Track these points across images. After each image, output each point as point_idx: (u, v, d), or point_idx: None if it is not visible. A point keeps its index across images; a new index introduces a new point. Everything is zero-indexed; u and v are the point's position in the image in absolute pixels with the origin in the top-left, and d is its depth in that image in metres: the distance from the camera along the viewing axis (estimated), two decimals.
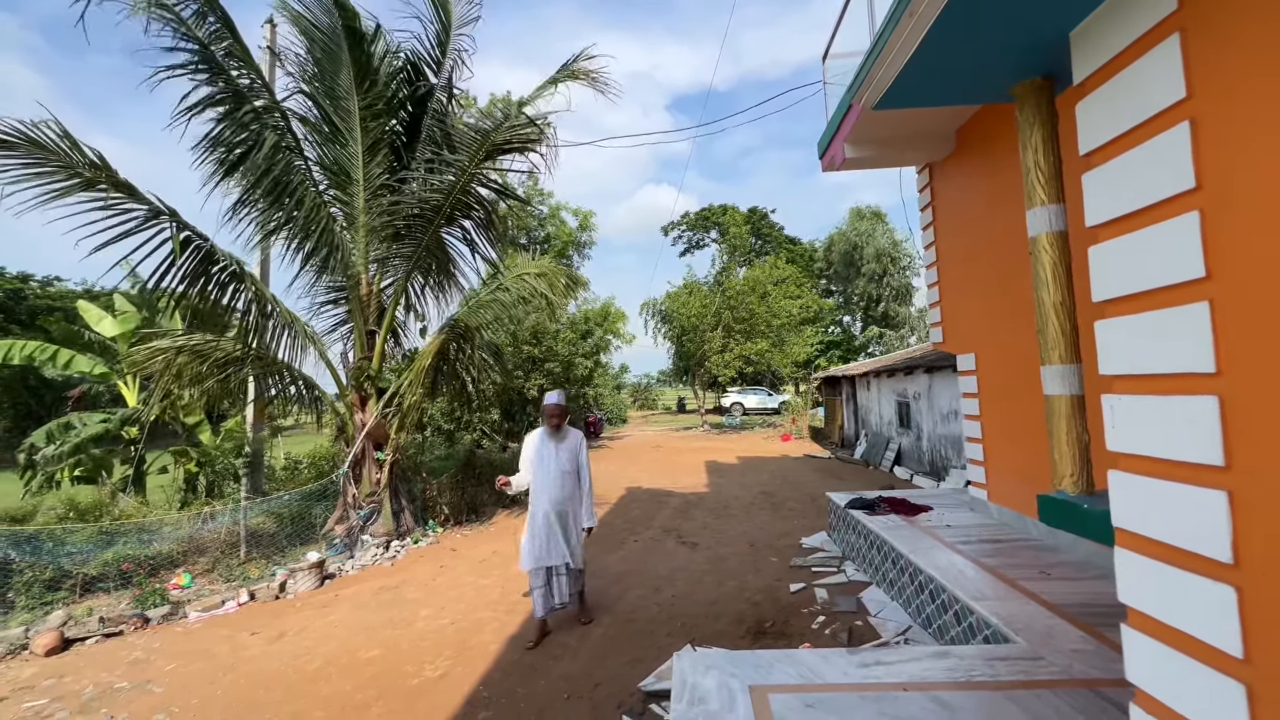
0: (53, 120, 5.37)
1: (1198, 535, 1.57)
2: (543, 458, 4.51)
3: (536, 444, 4.56)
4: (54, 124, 5.37)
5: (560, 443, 4.56)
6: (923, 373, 11.66)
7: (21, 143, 5.23)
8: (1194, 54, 1.61)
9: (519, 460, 4.58)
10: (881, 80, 3.33)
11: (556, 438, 4.56)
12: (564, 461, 4.52)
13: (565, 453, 4.55)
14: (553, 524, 4.41)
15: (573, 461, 4.57)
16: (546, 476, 4.47)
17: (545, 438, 4.56)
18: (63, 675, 4.46)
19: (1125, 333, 1.83)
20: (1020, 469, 5.09)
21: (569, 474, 4.52)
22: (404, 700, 3.80)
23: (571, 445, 4.60)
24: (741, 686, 2.80)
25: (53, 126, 5.36)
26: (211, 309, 6.83)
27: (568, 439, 4.61)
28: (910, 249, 33.93)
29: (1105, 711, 2.48)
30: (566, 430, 4.65)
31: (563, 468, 4.49)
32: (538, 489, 4.49)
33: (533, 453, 4.55)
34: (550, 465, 4.48)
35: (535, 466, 4.52)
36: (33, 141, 5.28)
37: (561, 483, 4.47)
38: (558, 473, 4.47)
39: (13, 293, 24.58)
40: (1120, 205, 1.84)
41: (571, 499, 4.53)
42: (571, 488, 4.54)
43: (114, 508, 7.32)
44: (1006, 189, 4.74)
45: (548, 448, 4.53)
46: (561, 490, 4.47)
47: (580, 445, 4.67)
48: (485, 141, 7.55)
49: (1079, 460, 2.55)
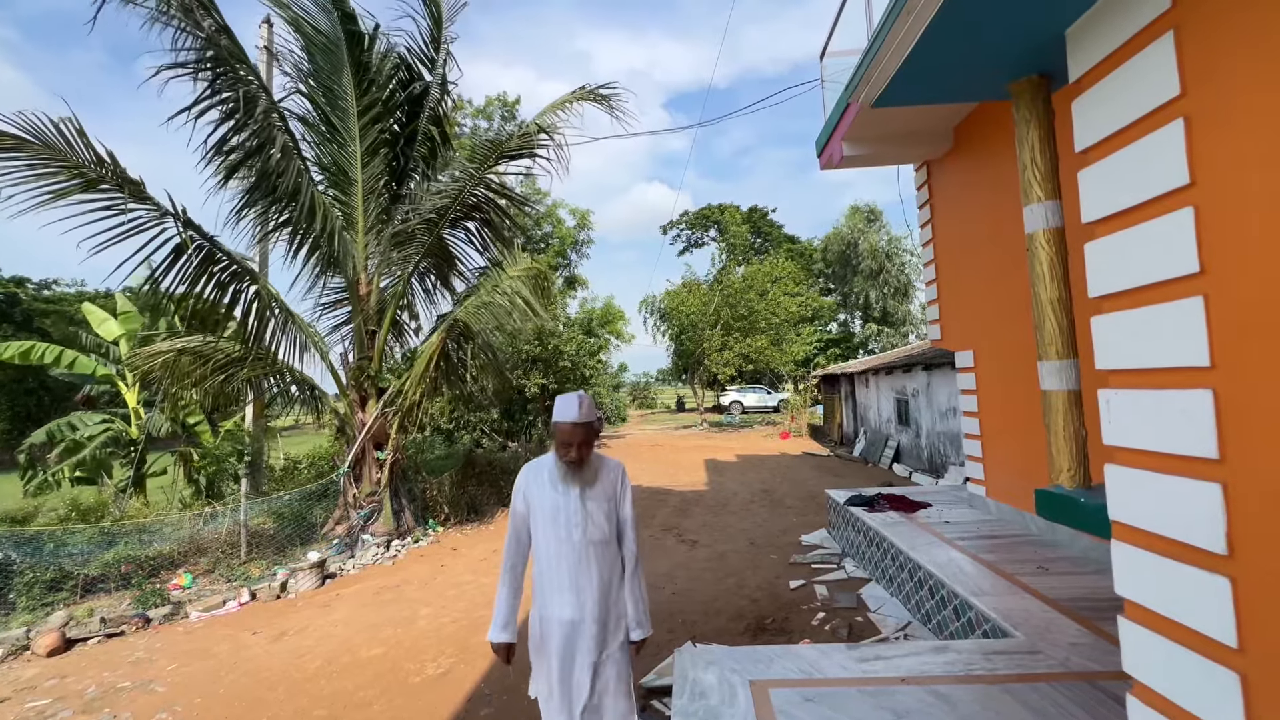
0: (71, 118, 5.39)
1: (1192, 527, 1.59)
2: (555, 515, 2.33)
3: (541, 490, 2.38)
4: (72, 121, 5.38)
5: (586, 487, 2.36)
6: (921, 370, 11.69)
7: (34, 143, 5.24)
8: (1187, 52, 1.63)
9: (509, 517, 2.44)
10: (879, 79, 3.35)
11: (578, 479, 2.35)
12: (595, 521, 2.35)
13: (596, 505, 2.36)
14: (576, 648, 2.29)
15: (609, 520, 2.40)
16: (560, 552, 2.32)
17: (557, 479, 2.36)
18: (65, 675, 4.47)
19: (1121, 328, 1.84)
20: (1018, 465, 5.11)
21: (602, 544, 2.36)
22: (406, 698, 3.81)
23: (606, 491, 2.41)
24: (742, 681, 2.81)
25: (70, 124, 5.37)
26: (212, 309, 6.83)
27: (600, 480, 2.40)
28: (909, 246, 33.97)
29: (1103, 704, 2.51)
30: (597, 464, 2.41)
31: (591, 534, 2.33)
32: (546, 577, 2.34)
33: (535, 505, 2.38)
34: (569, 530, 2.32)
35: (540, 532, 2.37)
36: (43, 141, 5.29)
37: (590, 562, 2.32)
38: (583, 544, 2.32)
39: (7, 297, 24.53)
40: (1115, 202, 1.86)
41: (609, 593, 2.36)
42: (608, 571, 2.37)
43: (115, 508, 7.32)
44: (1004, 186, 4.76)
45: (564, 497, 2.34)
46: (591, 577, 2.32)
47: (621, 489, 2.47)
48: (496, 149, 7.59)
49: (1076, 455, 2.57)
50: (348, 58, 7.63)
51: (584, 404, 2.28)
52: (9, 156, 5.19)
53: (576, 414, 2.25)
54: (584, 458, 2.31)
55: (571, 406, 2.27)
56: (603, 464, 2.46)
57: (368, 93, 7.80)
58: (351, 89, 7.75)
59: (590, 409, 2.29)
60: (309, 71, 7.91)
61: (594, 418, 2.30)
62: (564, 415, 2.26)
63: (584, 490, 2.35)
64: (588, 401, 2.29)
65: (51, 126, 5.36)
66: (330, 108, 7.88)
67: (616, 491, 2.45)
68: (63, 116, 5.40)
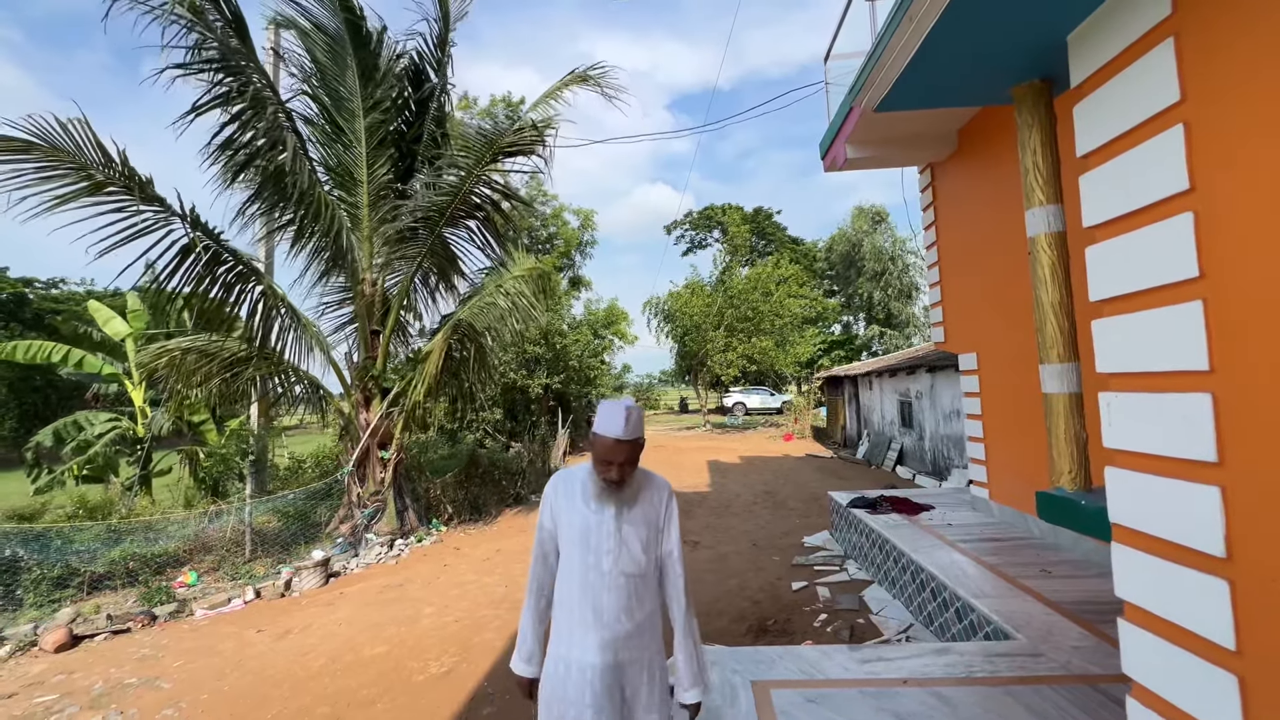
0: (81, 119, 5.46)
1: (1191, 530, 1.60)
2: (584, 537, 1.92)
3: (571, 505, 1.97)
4: (81, 122, 5.45)
5: (623, 508, 1.93)
6: (925, 372, 11.68)
7: (42, 145, 5.30)
8: (1188, 58, 1.64)
9: (536, 531, 2.04)
10: (882, 83, 3.36)
11: (615, 498, 1.93)
12: (629, 550, 1.91)
13: (633, 530, 1.93)
14: (598, 702, 1.84)
15: (647, 551, 1.94)
16: (586, 581, 1.90)
17: (590, 495, 1.95)
18: (72, 671, 4.51)
19: (1121, 331, 1.86)
20: (1021, 467, 5.11)
21: (636, 578, 1.92)
22: (409, 696, 3.84)
23: (647, 515, 1.96)
24: (744, 682, 2.83)
25: (78, 125, 5.44)
26: (218, 309, 6.89)
27: (640, 501, 1.97)
28: (913, 248, 33.92)
29: (1104, 706, 2.51)
30: (639, 481, 1.98)
31: (624, 564, 1.90)
32: (568, 609, 1.92)
33: (563, 522, 1.97)
34: (598, 556, 1.90)
35: (566, 554, 1.96)
36: (51, 144, 5.35)
37: (621, 597, 1.89)
38: (613, 574, 1.89)
39: (15, 296, 24.72)
40: (1116, 206, 1.87)
41: (643, 633, 1.92)
42: (643, 610, 1.93)
43: (122, 506, 7.38)
44: (1007, 189, 4.76)
45: (596, 516, 1.92)
46: (622, 614, 1.89)
47: (666, 514, 2.00)
48: (491, 145, 7.62)
49: (1077, 457, 2.58)
50: (353, 59, 7.68)
51: (632, 417, 1.84)
52: (18, 160, 5.25)
53: (622, 429, 1.81)
54: (625, 478, 1.88)
55: (617, 419, 1.82)
56: (647, 482, 1.98)
57: (373, 94, 7.85)
58: (357, 90, 7.80)
59: (638, 423, 1.88)
60: (315, 72, 7.96)
61: (640, 434, 1.90)
62: (607, 428, 1.82)
63: (620, 511, 1.91)
64: (636, 414, 1.87)
65: (59, 129, 5.42)
66: (336, 109, 7.94)
67: (660, 517, 1.97)
68: (71, 118, 5.46)
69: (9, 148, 5.19)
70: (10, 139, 5.19)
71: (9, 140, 5.18)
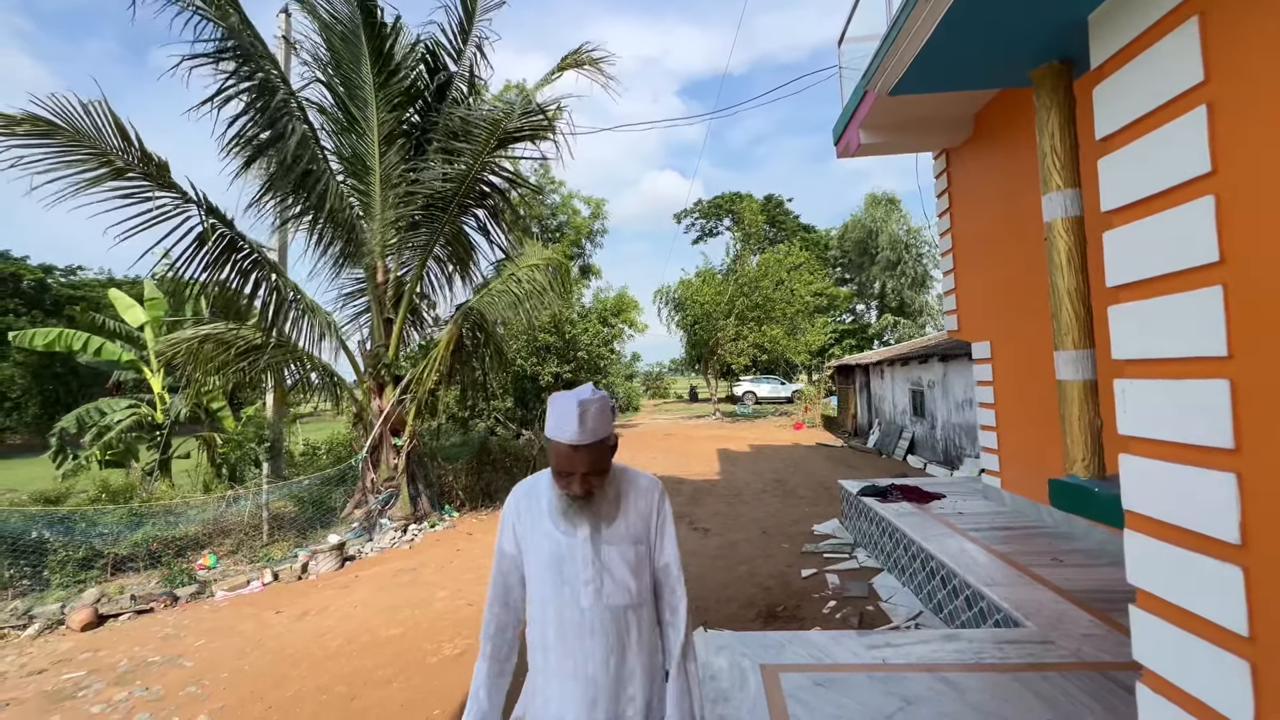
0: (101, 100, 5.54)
1: (1206, 517, 1.59)
2: (554, 566, 1.45)
3: (536, 525, 1.50)
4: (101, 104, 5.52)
5: (601, 525, 1.47)
6: (937, 361, 11.58)
7: (65, 129, 5.37)
8: (1212, 37, 1.60)
9: (494, 558, 1.56)
10: (897, 65, 3.31)
11: (588, 513, 1.45)
12: (615, 576, 1.45)
13: (617, 552, 1.46)
14: None
15: (637, 574, 1.48)
16: (562, 621, 1.44)
17: (557, 515, 1.47)
18: (98, 649, 4.65)
19: (1138, 317, 1.83)
20: (1034, 456, 5.08)
21: (627, 610, 1.46)
22: (424, 676, 3.92)
23: (633, 529, 1.49)
24: (753, 666, 2.86)
25: (98, 106, 5.51)
26: (234, 296, 6.98)
27: (623, 511, 1.50)
28: (927, 237, 33.49)
29: (1114, 694, 2.51)
30: (618, 486, 1.51)
31: (610, 596, 1.44)
32: (541, 657, 1.50)
33: (529, 548, 1.51)
34: (574, 590, 1.44)
35: (535, 588, 1.49)
36: (73, 127, 5.41)
37: (610, 636, 1.43)
38: (596, 611, 1.43)
39: (36, 283, 25.16)
40: (1135, 190, 1.84)
41: (641, 680, 1.46)
42: (637, 653, 1.47)
43: (143, 490, 7.54)
44: (1023, 174, 4.69)
45: (567, 539, 1.46)
46: (611, 658, 1.43)
47: (658, 522, 1.54)
48: (496, 130, 7.60)
49: (1091, 445, 2.56)
50: (368, 47, 7.66)
51: (589, 414, 1.35)
52: (40, 144, 5.33)
53: (575, 432, 1.34)
54: (591, 490, 1.41)
55: (569, 418, 1.34)
56: (629, 486, 1.52)
57: (387, 83, 7.84)
58: (371, 78, 7.79)
59: (600, 419, 1.37)
60: (328, 61, 7.96)
61: (606, 434, 1.40)
62: (559, 431, 1.36)
63: (597, 530, 1.44)
64: (596, 408, 1.37)
65: (80, 110, 5.48)
66: (349, 97, 7.94)
67: (651, 527, 1.51)
68: (91, 99, 5.53)
69: (35, 129, 5.27)
70: (38, 119, 5.27)
71: (37, 120, 5.25)
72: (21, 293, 24.67)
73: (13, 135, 5.20)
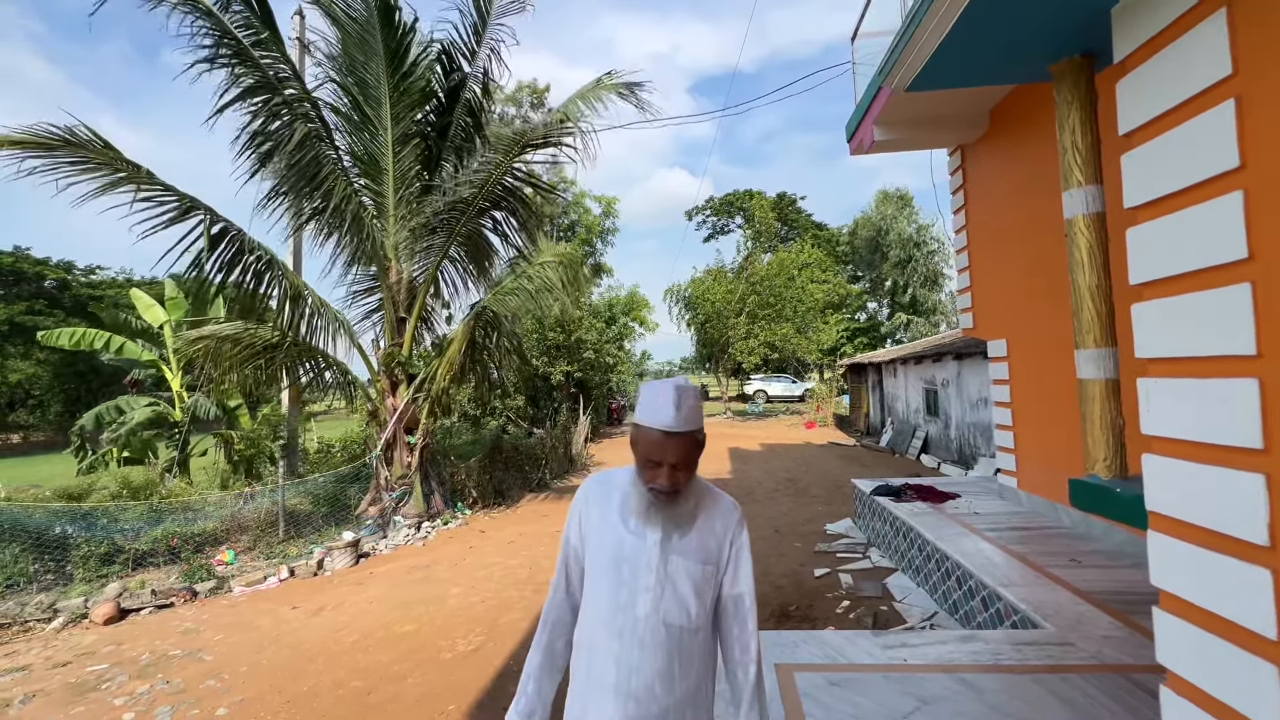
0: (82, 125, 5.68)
1: (1233, 518, 1.56)
2: (615, 565, 1.35)
3: (605, 519, 1.41)
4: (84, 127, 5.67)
5: (673, 531, 1.36)
6: (952, 359, 11.47)
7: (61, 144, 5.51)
8: (1241, 29, 1.57)
9: (560, 545, 1.48)
10: (914, 61, 3.28)
11: (666, 517, 1.36)
12: (676, 590, 1.33)
13: (684, 564, 1.35)
14: None
15: (700, 595, 1.35)
16: (613, 626, 1.32)
17: (631, 510, 1.38)
18: (120, 643, 4.73)
19: (1163, 315, 1.81)
20: (1052, 456, 5.02)
21: (684, 631, 1.33)
22: (439, 672, 3.95)
23: (705, 546, 1.37)
24: (767, 665, 2.85)
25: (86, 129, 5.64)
26: (249, 297, 7.08)
27: (698, 525, 1.38)
28: (938, 233, 33.15)
29: (1134, 695, 2.48)
30: (698, 498, 1.41)
31: (667, 610, 1.32)
32: (586, 660, 1.36)
33: (593, 542, 1.41)
34: (631, 594, 1.33)
35: (592, 585, 1.39)
36: (74, 144, 5.55)
37: (661, 655, 1.30)
38: (650, 622, 1.31)
39: (58, 282, 25.63)
40: (1160, 186, 1.81)
41: (685, 713, 1.32)
42: (691, 678, 1.34)
43: (162, 487, 7.66)
44: (1041, 171, 4.63)
45: (635, 539, 1.36)
46: (658, 682, 1.29)
47: (733, 546, 1.40)
48: (522, 139, 7.66)
49: (1112, 445, 2.53)
50: (382, 47, 7.70)
51: (685, 401, 1.29)
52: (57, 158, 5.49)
53: (672, 417, 1.28)
54: (679, 485, 1.32)
55: (665, 403, 1.29)
56: (710, 501, 1.41)
57: (401, 83, 7.89)
58: (385, 78, 7.84)
59: (695, 409, 1.31)
60: (342, 61, 8.02)
61: (699, 426, 1.33)
62: (652, 417, 1.30)
63: (668, 536, 1.34)
64: (692, 397, 1.31)
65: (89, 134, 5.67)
66: (363, 97, 8.00)
67: (725, 550, 1.38)
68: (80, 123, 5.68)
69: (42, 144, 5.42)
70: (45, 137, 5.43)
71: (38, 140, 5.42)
72: (44, 292, 25.16)
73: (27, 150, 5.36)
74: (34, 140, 5.36)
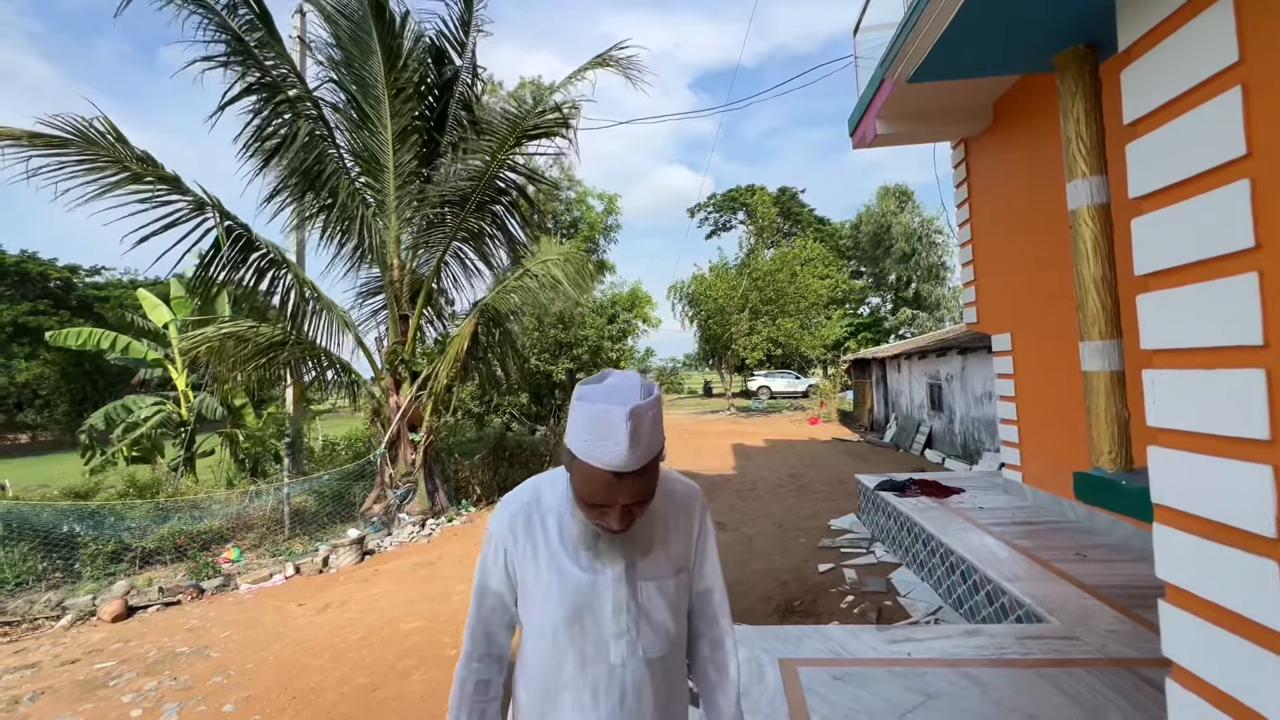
0: (101, 117, 5.62)
1: (1240, 510, 1.55)
2: (576, 617, 1.06)
3: (545, 558, 1.08)
4: (102, 120, 5.62)
5: (637, 558, 1.08)
6: (956, 354, 11.43)
7: (75, 139, 5.48)
8: (1247, 15, 1.55)
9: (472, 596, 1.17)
10: (916, 52, 3.25)
11: (624, 547, 1.06)
12: (654, 620, 1.09)
13: (656, 589, 1.10)
14: None
15: (675, 609, 1.12)
16: (581, 682, 1.06)
17: (580, 545, 1.07)
18: (128, 640, 4.76)
19: (1169, 306, 1.79)
20: (1056, 450, 4.99)
21: (665, 662, 1.11)
22: (443, 669, 3.96)
23: (674, 554, 1.13)
24: (770, 660, 2.85)
25: (101, 123, 5.61)
26: (252, 295, 7.10)
27: (663, 535, 1.12)
28: (941, 227, 33.01)
29: (1140, 689, 2.47)
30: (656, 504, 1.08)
31: (649, 647, 1.08)
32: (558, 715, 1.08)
33: (533, 588, 1.09)
34: (600, 645, 1.06)
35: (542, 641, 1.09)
36: (85, 138, 5.53)
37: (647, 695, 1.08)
38: (633, 667, 1.07)
39: (63, 283, 25.76)
40: (1166, 175, 1.79)
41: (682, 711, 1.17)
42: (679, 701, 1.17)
43: (169, 486, 7.71)
44: (1045, 162, 4.59)
45: (591, 578, 1.07)
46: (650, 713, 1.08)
47: (699, 537, 1.18)
48: (515, 129, 7.62)
49: (1118, 437, 2.51)
50: (378, 43, 7.70)
51: (644, 425, 0.94)
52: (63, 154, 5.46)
53: (625, 454, 0.92)
54: (636, 518, 1.03)
55: (617, 436, 0.91)
56: (665, 499, 1.14)
57: (398, 79, 7.89)
58: (382, 75, 7.84)
59: (654, 431, 0.97)
60: (341, 59, 8.02)
61: (659, 446, 1.00)
62: (597, 453, 0.93)
63: (633, 565, 1.09)
64: (649, 415, 0.95)
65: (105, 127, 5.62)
66: (362, 95, 8.00)
67: (692, 545, 1.18)
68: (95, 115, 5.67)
69: (49, 142, 5.40)
70: (50, 136, 5.40)
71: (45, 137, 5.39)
72: (49, 292, 25.28)
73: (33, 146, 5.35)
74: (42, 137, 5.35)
